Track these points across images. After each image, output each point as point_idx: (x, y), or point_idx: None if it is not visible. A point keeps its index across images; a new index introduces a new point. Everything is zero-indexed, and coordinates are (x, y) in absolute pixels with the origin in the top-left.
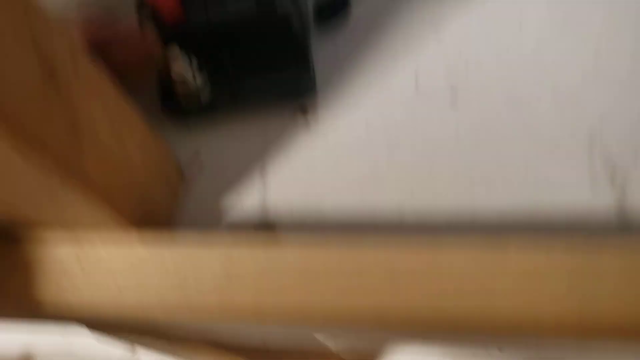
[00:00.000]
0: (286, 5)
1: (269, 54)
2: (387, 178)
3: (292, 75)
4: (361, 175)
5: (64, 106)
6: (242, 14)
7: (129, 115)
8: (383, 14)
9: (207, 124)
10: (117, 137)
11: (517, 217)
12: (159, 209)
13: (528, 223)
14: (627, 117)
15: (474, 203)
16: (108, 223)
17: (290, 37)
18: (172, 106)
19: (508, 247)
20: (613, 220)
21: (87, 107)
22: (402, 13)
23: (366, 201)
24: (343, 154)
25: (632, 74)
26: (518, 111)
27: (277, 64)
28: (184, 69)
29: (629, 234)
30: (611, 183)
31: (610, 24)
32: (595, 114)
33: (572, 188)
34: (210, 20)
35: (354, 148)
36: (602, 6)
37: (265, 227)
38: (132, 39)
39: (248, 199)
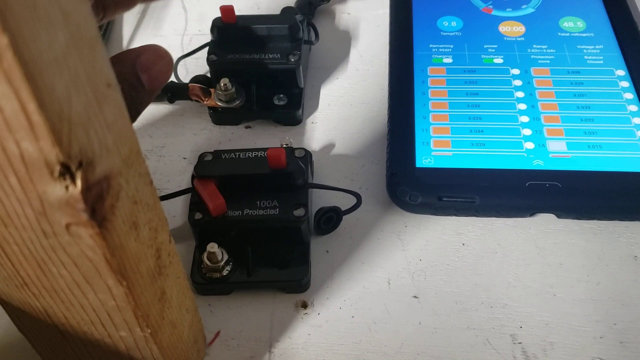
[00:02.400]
0: (300, 216)
1: (279, 253)
2: (368, 351)
3: (294, 273)
4: (349, 351)
5: (162, 279)
6: (267, 216)
7: (185, 284)
8: (363, 224)
9: (225, 300)
10: (180, 302)
11: None
12: None
13: None
14: (539, 322)
15: None
16: None
17: (298, 241)
18: (199, 279)
19: None
20: None
21: (170, 280)
22: (377, 229)
23: None
24: (334, 336)
25: (541, 289)
26: (462, 309)
27: (283, 262)
28: (217, 253)
29: None
30: None
31: (526, 250)
32: (517, 318)
33: None
34: (243, 218)
35: (342, 332)
36: (522, 237)
37: None
38: None
39: None
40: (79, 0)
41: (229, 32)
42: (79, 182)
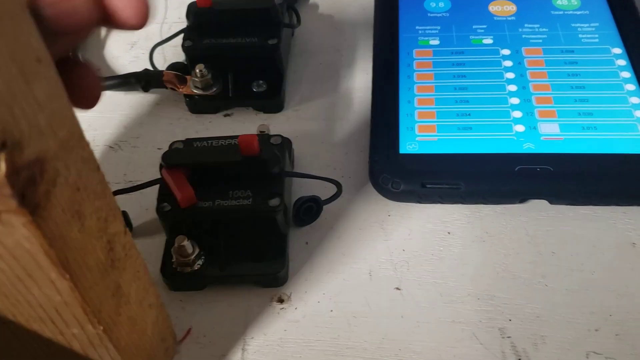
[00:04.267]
0: (275, 206)
1: (255, 245)
2: (347, 347)
3: (270, 266)
4: (327, 347)
5: (116, 273)
6: (239, 207)
7: (146, 278)
8: (345, 214)
9: (197, 295)
10: (141, 298)
11: None
12: None
13: None
14: (530, 314)
15: None
16: None
17: (275, 233)
18: (169, 274)
19: None
20: None
21: (127, 274)
22: (359, 219)
23: None
24: (311, 331)
25: (532, 280)
26: (447, 301)
27: (258, 254)
28: (187, 247)
29: None
30: None
31: (516, 239)
32: (505, 311)
33: None
34: (214, 209)
35: (320, 327)
36: (512, 224)
37: None
38: None
39: None
40: None
41: (204, 16)
42: (2, 165)
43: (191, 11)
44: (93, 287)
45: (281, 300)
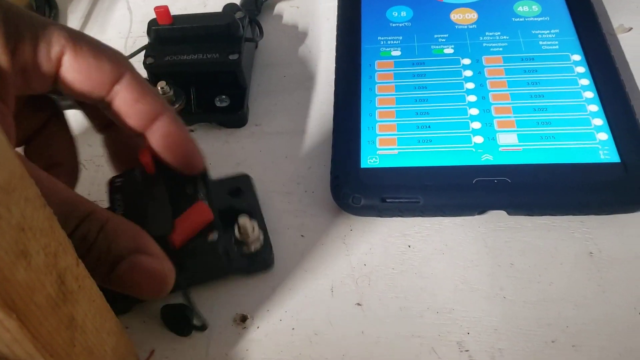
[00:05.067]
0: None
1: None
2: None
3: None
4: None
5: (68, 305)
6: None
7: (103, 306)
8: (308, 229)
9: (159, 316)
10: (98, 326)
11: None
12: None
13: None
14: (487, 327)
15: None
16: None
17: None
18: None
19: None
20: None
21: (82, 304)
22: (322, 234)
23: None
24: (273, 350)
25: (490, 292)
26: (407, 315)
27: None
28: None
29: None
30: None
31: (475, 250)
32: (464, 324)
33: None
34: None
35: (282, 345)
36: (471, 236)
37: None
38: None
39: None
40: None
41: (165, 33)
42: None
43: (152, 28)
44: (43, 322)
45: (244, 320)
